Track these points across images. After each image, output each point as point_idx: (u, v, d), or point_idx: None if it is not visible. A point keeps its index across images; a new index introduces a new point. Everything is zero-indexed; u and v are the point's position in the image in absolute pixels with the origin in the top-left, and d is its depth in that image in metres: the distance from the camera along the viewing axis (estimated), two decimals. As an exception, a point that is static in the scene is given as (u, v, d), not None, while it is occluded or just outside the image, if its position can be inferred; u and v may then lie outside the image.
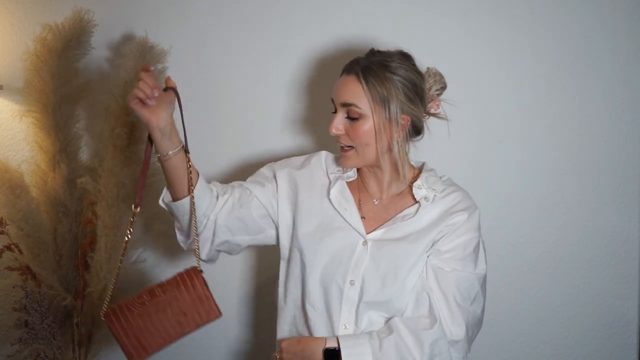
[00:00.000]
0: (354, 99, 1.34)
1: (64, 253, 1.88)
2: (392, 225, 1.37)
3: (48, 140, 1.88)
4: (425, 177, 1.41)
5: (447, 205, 1.37)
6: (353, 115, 1.34)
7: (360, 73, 1.34)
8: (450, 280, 1.31)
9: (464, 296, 1.31)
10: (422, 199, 1.38)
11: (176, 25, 1.92)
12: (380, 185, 1.43)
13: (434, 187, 1.39)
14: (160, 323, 1.33)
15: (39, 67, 1.85)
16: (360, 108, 1.34)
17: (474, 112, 1.80)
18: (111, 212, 1.82)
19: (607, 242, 1.78)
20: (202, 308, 1.33)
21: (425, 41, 1.80)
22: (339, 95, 1.37)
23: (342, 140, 1.37)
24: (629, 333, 1.80)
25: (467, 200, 1.40)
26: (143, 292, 1.34)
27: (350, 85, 1.35)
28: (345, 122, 1.36)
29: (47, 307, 1.79)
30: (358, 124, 1.34)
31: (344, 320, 1.34)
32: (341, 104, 1.36)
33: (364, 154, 1.36)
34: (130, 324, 1.32)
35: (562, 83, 1.76)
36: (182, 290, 1.33)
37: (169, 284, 1.34)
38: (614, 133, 1.76)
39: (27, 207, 1.82)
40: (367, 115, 1.34)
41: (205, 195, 1.40)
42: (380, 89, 1.33)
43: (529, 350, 1.84)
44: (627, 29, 1.73)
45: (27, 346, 1.80)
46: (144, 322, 1.32)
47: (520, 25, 1.76)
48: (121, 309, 1.33)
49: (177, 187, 1.38)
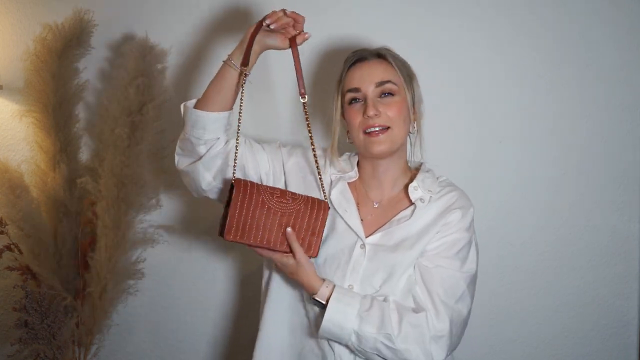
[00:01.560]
0: (390, 76, 1.36)
1: (64, 253, 1.88)
2: (389, 229, 1.36)
3: (48, 140, 1.88)
4: (421, 178, 1.40)
5: (442, 205, 1.37)
6: (390, 91, 1.36)
7: (386, 54, 1.38)
8: (434, 277, 1.30)
9: (448, 294, 1.30)
10: (418, 200, 1.37)
11: (176, 25, 1.92)
12: (382, 187, 1.42)
13: (430, 188, 1.38)
14: (269, 222, 1.30)
15: (39, 67, 1.86)
16: (396, 84, 1.36)
17: (474, 112, 1.80)
18: (111, 212, 1.82)
19: (607, 242, 1.78)
20: (307, 239, 1.31)
21: (426, 41, 1.80)
22: (369, 77, 1.36)
23: (379, 120, 1.34)
24: (629, 333, 1.80)
25: (462, 199, 1.39)
26: (278, 188, 1.34)
27: (381, 66, 1.37)
28: (378, 103, 1.35)
29: (47, 307, 1.79)
30: (395, 100, 1.36)
31: None
32: (376, 84, 1.35)
33: (397, 133, 1.36)
34: (249, 202, 1.28)
35: (562, 83, 1.76)
36: (307, 210, 1.31)
37: (301, 198, 1.32)
38: (614, 133, 1.76)
39: (27, 207, 1.82)
40: (401, 92, 1.37)
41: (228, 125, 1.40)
42: (405, 69, 1.39)
43: (529, 350, 1.83)
44: (627, 29, 1.73)
45: (27, 346, 1.80)
46: (260, 210, 1.29)
47: (521, 25, 1.76)
48: (253, 185, 1.30)
49: (222, 98, 1.36)
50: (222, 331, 1.98)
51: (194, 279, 1.98)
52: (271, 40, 1.34)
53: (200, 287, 1.98)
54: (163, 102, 1.86)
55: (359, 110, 1.36)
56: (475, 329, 1.84)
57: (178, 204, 1.96)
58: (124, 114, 1.80)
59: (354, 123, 1.37)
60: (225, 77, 1.36)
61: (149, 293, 1.99)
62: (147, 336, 2.01)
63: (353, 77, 1.38)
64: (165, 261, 1.98)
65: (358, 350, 1.29)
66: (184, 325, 1.99)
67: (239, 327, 1.95)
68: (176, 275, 1.98)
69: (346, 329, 1.26)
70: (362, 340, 1.26)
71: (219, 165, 1.40)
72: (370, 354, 1.28)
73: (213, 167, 1.39)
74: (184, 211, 1.97)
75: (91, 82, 1.97)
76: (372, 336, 1.25)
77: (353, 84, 1.37)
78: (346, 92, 1.39)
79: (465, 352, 1.85)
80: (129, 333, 2.02)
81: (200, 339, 1.99)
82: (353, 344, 1.28)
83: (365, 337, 1.26)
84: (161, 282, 1.99)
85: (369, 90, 1.36)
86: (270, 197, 1.30)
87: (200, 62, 1.92)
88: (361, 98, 1.37)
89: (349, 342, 1.28)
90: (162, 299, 1.99)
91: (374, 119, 1.34)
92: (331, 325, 1.27)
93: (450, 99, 1.81)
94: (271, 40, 1.34)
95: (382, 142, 1.35)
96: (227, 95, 1.36)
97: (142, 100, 1.80)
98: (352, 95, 1.38)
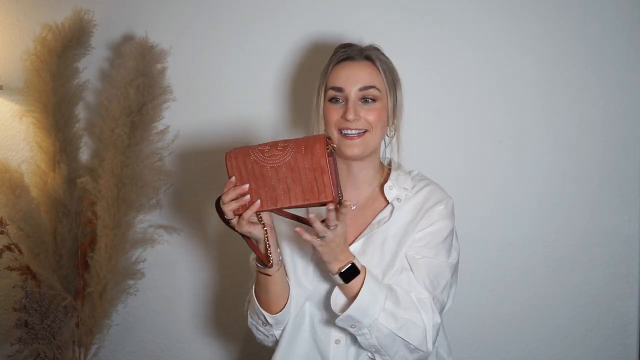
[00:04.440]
0: (374, 82, 1.35)
1: (64, 253, 1.88)
2: (369, 233, 1.35)
3: (48, 140, 1.88)
4: (395, 177, 1.39)
5: (419, 202, 1.36)
6: (373, 97, 1.34)
7: (374, 58, 1.36)
8: (420, 267, 1.30)
9: (434, 284, 1.30)
10: (394, 200, 1.36)
11: (176, 25, 1.92)
12: (358, 188, 1.39)
13: (404, 186, 1.37)
14: (271, 181, 1.17)
15: (39, 67, 1.86)
16: (379, 90, 1.35)
17: (474, 112, 1.80)
18: (111, 212, 1.82)
19: (607, 242, 1.78)
20: (315, 182, 1.15)
21: (426, 41, 1.80)
22: (354, 79, 1.34)
23: (356, 125, 1.32)
24: (629, 333, 1.80)
25: (438, 193, 1.38)
26: (268, 142, 1.18)
27: (367, 69, 1.35)
28: (359, 107, 1.34)
29: (47, 307, 1.79)
30: (376, 107, 1.34)
31: (336, 335, 1.33)
32: (359, 89, 1.34)
33: (373, 138, 1.34)
34: (244, 166, 1.18)
35: (562, 83, 1.76)
36: (301, 151, 1.15)
37: (292, 141, 1.17)
38: (614, 133, 1.76)
39: (27, 207, 1.82)
40: (383, 98, 1.35)
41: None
42: (391, 74, 1.38)
43: (529, 350, 1.84)
44: (627, 29, 1.73)
45: (27, 346, 1.80)
46: (257, 170, 1.17)
47: (521, 25, 1.76)
48: (243, 149, 1.19)
49: (278, 300, 1.34)
50: (222, 331, 1.98)
51: (194, 279, 1.98)
52: (256, 232, 1.24)
53: (200, 287, 1.98)
54: (163, 102, 1.87)
55: (338, 110, 1.34)
56: (475, 329, 1.85)
57: (178, 204, 1.96)
58: (124, 114, 1.80)
59: (331, 120, 1.35)
60: (264, 280, 1.32)
61: (149, 293, 1.99)
62: (147, 336, 2.01)
63: (338, 77, 1.36)
64: (165, 261, 1.98)
65: (365, 336, 1.25)
66: (184, 325, 1.99)
67: (240, 327, 1.95)
68: (176, 275, 1.98)
69: (375, 307, 1.24)
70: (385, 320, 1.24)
71: None
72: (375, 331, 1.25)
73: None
74: (184, 211, 1.97)
75: (91, 82, 1.97)
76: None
77: (337, 83, 1.35)
78: (329, 88, 1.37)
79: (466, 352, 1.86)
80: (129, 333, 2.02)
81: (200, 339, 2.00)
82: (369, 328, 1.24)
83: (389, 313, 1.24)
84: (161, 282, 1.99)
85: (351, 92, 1.34)
86: (260, 152, 1.17)
87: (200, 62, 1.92)
88: (343, 98, 1.35)
89: (370, 322, 1.24)
90: (162, 299, 1.99)
91: (352, 123, 1.32)
92: (364, 299, 1.23)
93: (451, 99, 1.81)
94: (256, 232, 1.24)
95: (357, 145, 1.33)
96: (277, 293, 1.34)
97: (142, 100, 1.80)
98: (334, 94, 1.35)
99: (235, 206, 1.19)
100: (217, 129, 1.92)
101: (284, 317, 1.36)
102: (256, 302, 1.36)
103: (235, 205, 1.19)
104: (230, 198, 1.19)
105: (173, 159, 1.93)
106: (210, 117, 1.92)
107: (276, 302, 1.34)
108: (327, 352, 1.33)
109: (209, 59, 1.91)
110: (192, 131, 1.93)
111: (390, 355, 1.27)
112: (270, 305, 1.35)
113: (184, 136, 1.92)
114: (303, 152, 1.15)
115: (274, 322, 1.36)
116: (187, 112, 1.93)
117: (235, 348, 1.98)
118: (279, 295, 1.34)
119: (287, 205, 1.18)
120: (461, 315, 1.76)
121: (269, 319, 1.36)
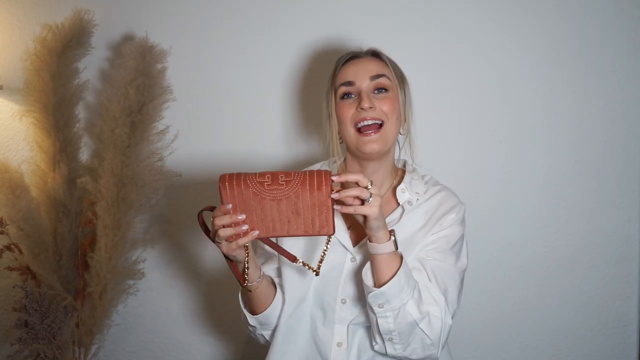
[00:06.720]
0: (383, 71, 1.34)
1: (64, 253, 1.88)
2: None
3: (48, 140, 1.88)
4: (408, 180, 1.38)
5: (432, 207, 1.35)
6: (384, 86, 1.33)
7: (380, 53, 1.37)
8: (431, 270, 1.30)
9: (444, 287, 1.29)
10: (406, 203, 1.35)
11: (176, 25, 1.92)
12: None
13: (417, 190, 1.36)
14: (270, 212, 1.17)
15: (39, 67, 1.86)
16: (390, 79, 1.34)
17: (474, 112, 1.80)
18: (111, 212, 1.82)
19: (607, 242, 1.78)
20: (317, 217, 1.17)
21: (426, 41, 1.80)
22: (364, 71, 1.33)
23: (373, 114, 1.30)
24: (629, 333, 1.80)
25: (451, 199, 1.37)
26: (267, 172, 1.17)
27: (375, 62, 1.35)
28: (372, 97, 1.32)
29: (47, 307, 1.79)
30: (389, 96, 1.33)
31: (337, 338, 1.33)
32: (371, 77, 1.32)
33: (390, 130, 1.32)
34: (241, 197, 1.17)
35: (562, 83, 1.76)
36: (306, 188, 1.15)
37: (295, 175, 1.16)
38: (614, 133, 1.76)
39: (27, 207, 1.82)
40: (394, 88, 1.34)
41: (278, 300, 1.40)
42: (398, 70, 1.38)
43: (529, 350, 1.84)
44: (627, 29, 1.73)
45: (27, 346, 1.80)
46: (255, 201, 1.17)
47: (521, 25, 1.77)
48: (239, 178, 1.17)
49: (265, 304, 1.38)
50: (222, 331, 1.98)
51: (194, 279, 1.98)
52: (239, 256, 1.24)
53: (200, 287, 1.98)
54: (163, 102, 1.87)
55: (352, 104, 1.32)
56: (475, 329, 1.85)
57: (178, 204, 1.96)
58: (124, 114, 1.80)
59: (346, 117, 1.32)
60: (259, 294, 1.35)
61: (149, 293, 1.99)
62: (147, 336, 2.01)
63: (347, 72, 1.34)
64: (165, 261, 1.98)
65: (387, 318, 1.24)
66: (184, 325, 1.99)
67: (240, 327, 1.95)
68: (176, 275, 1.98)
69: (407, 291, 1.22)
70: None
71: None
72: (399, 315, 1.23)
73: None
74: (184, 211, 1.97)
75: (91, 82, 1.97)
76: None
77: (347, 78, 1.33)
78: (339, 86, 1.34)
79: (465, 352, 1.86)
80: (129, 333, 2.02)
81: (200, 339, 2.00)
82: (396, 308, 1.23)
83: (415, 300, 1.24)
84: (161, 282, 1.99)
85: (363, 84, 1.32)
86: (260, 184, 1.16)
87: (200, 62, 1.92)
88: (354, 93, 1.33)
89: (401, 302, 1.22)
90: (162, 299, 1.99)
91: (368, 112, 1.29)
92: (400, 279, 1.22)
93: (451, 99, 1.81)
94: (239, 255, 1.24)
95: (375, 141, 1.30)
96: (256, 303, 1.37)
97: (142, 100, 1.81)
98: (346, 89, 1.33)
99: (231, 233, 1.18)
100: (216, 128, 1.92)
101: (266, 319, 1.37)
102: (241, 303, 1.41)
103: (230, 232, 1.18)
104: (224, 223, 1.18)
105: (173, 159, 1.93)
106: (210, 117, 1.92)
107: (257, 306, 1.37)
108: (328, 354, 1.32)
109: (209, 59, 1.91)
110: (192, 131, 1.93)
111: (403, 344, 1.24)
112: (253, 307, 1.38)
113: (184, 136, 1.92)
114: (308, 190, 1.16)
115: (256, 322, 1.39)
116: (187, 112, 1.93)
117: (235, 348, 1.98)
118: (258, 306, 1.37)
119: (284, 235, 1.20)
120: (461, 315, 1.76)
121: (249, 320, 1.39)
